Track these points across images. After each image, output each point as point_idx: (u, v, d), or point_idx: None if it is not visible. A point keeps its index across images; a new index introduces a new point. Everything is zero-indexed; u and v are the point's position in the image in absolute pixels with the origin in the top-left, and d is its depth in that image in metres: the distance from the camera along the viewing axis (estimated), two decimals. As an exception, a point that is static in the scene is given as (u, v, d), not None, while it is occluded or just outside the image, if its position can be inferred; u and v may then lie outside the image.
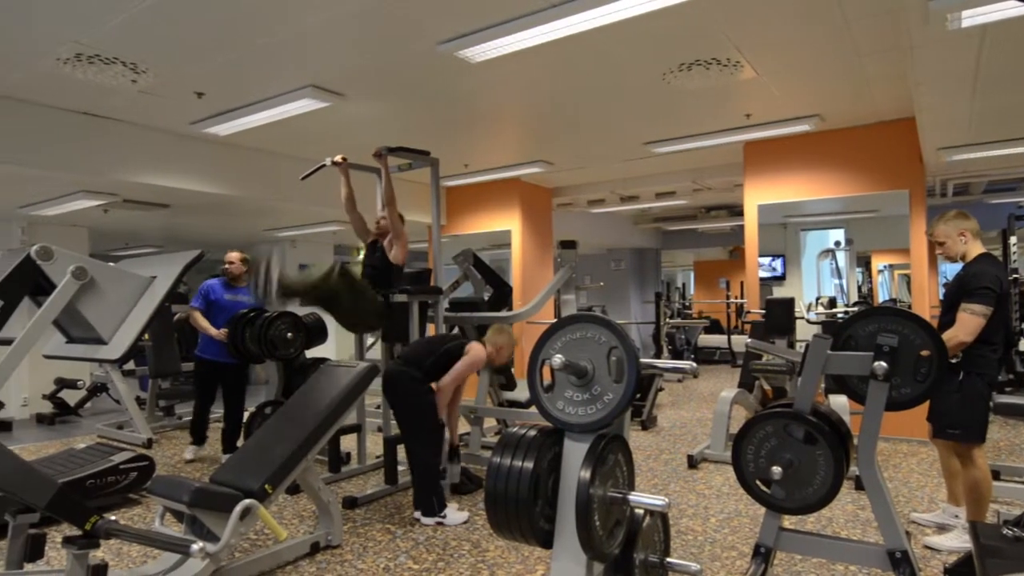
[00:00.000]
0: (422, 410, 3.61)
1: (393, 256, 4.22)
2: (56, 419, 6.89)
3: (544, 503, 2.00)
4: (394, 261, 4.23)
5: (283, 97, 4.40)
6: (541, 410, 2.07)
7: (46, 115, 4.60)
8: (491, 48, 3.58)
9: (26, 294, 2.14)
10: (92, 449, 4.17)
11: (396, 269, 4.25)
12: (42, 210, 6.35)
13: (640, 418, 5.85)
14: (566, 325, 2.07)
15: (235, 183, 5.85)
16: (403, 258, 4.27)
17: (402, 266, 4.28)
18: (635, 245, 12.28)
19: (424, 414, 3.61)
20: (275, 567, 2.98)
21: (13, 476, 2.06)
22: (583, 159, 6.73)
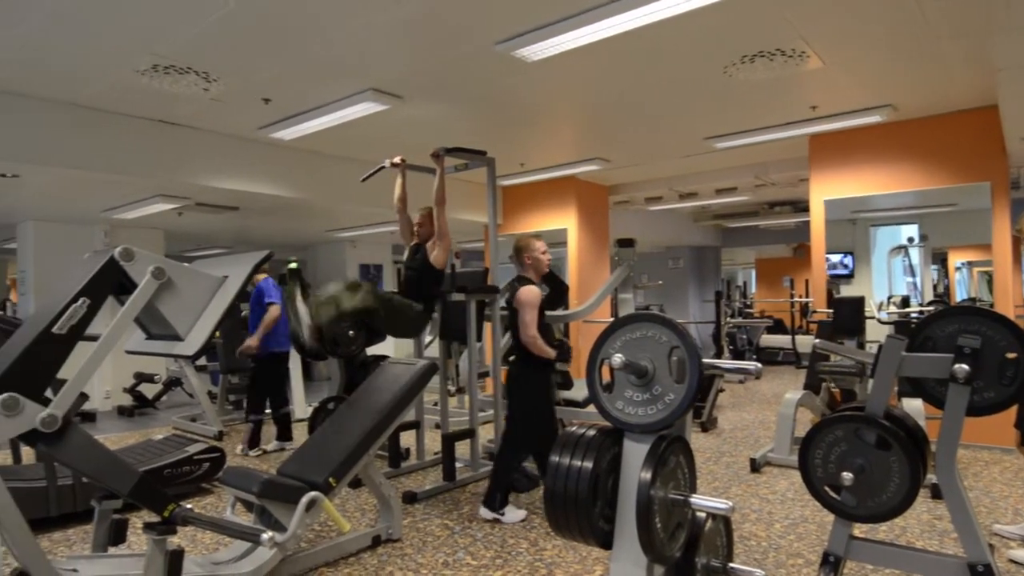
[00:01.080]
0: (531, 404, 3.60)
1: (434, 258, 4.20)
2: (135, 411, 7.29)
3: (604, 503, 1.98)
4: (434, 264, 4.20)
5: (344, 101, 4.51)
6: (600, 410, 2.05)
7: (126, 124, 4.87)
8: (548, 47, 3.57)
9: (110, 293, 2.26)
10: (168, 440, 4.40)
11: (436, 272, 4.24)
12: (122, 213, 6.73)
13: (700, 419, 5.73)
14: (626, 324, 2.05)
15: (299, 186, 6.04)
16: (444, 261, 4.24)
17: (442, 269, 4.27)
18: (694, 243, 12.03)
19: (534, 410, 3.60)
20: (338, 558, 3.07)
21: (99, 464, 2.18)
22: (641, 156, 6.64)
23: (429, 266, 4.19)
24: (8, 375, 2.02)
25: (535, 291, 3.56)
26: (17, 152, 4.42)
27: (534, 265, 3.70)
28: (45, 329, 2.09)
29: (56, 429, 2.08)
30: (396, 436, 4.42)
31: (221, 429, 5.80)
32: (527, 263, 3.69)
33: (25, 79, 4.14)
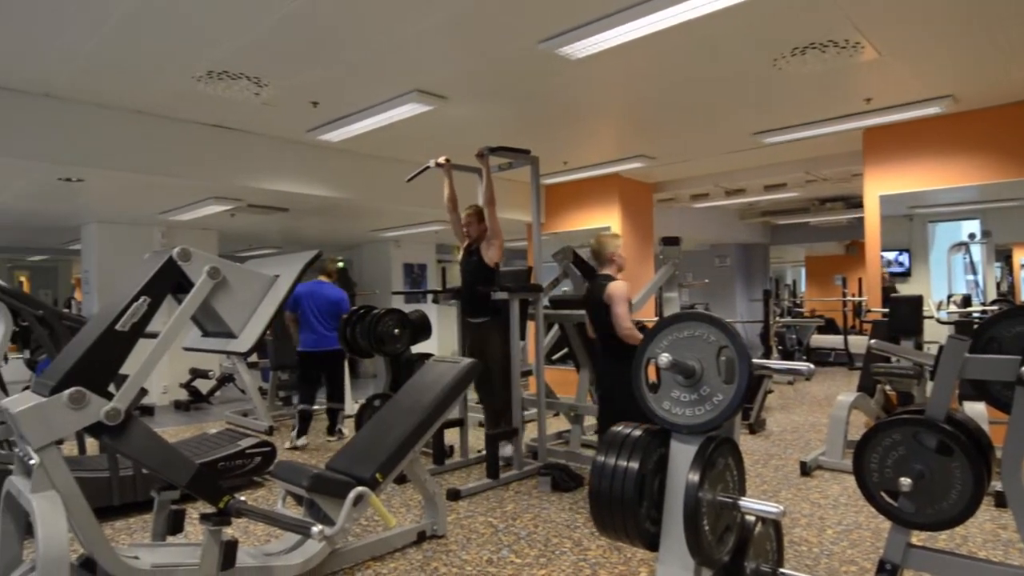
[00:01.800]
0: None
1: (489, 257, 4.27)
2: (191, 406, 7.55)
3: (650, 504, 1.96)
4: (489, 262, 4.27)
5: (390, 102, 4.58)
6: (647, 410, 2.03)
7: (182, 129, 5.06)
8: (592, 44, 3.55)
9: (169, 292, 2.34)
10: (222, 434, 4.54)
11: (490, 271, 4.28)
12: (178, 215, 6.99)
13: (747, 421, 5.60)
14: (673, 323, 2.02)
15: (346, 186, 6.16)
16: (499, 258, 4.30)
17: (496, 268, 4.31)
18: (741, 240, 11.78)
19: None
20: (385, 553, 3.11)
21: (159, 456, 2.27)
22: (686, 152, 6.54)
23: (484, 265, 4.25)
24: (75, 370, 2.12)
25: (625, 285, 3.51)
26: (82, 158, 4.63)
27: (617, 263, 3.66)
28: (109, 327, 2.19)
29: (119, 422, 2.17)
30: (440, 433, 4.46)
31: (271, 424, 5.96)
32: (610, 260, 3.64)
33: (90, 89, 4.33)
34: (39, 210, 6.90)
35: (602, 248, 3.66)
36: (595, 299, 3.58)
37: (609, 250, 3.64)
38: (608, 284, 3.51)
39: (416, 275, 10.49)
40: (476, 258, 4.34)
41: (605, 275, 3.63)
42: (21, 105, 4.32)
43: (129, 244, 7.62)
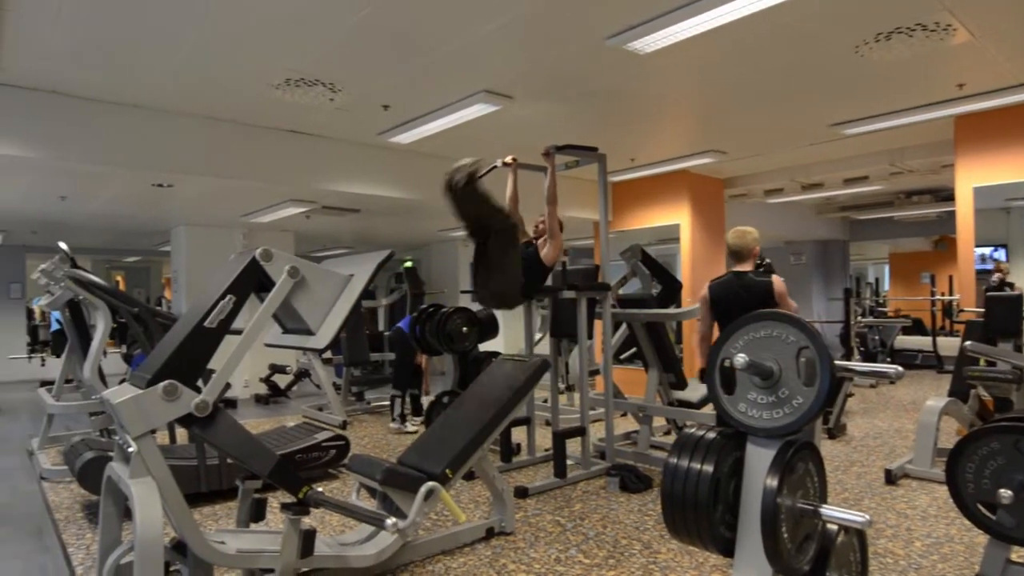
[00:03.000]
0: None
1: (544, 255, 4.23)
2: (269, 400, 7.90)
3: (725, 509, 1.91)
4: (545, 261, 4.23)
5: (458, 104, 4.64)
6: (722, 412, 1.98)
7: (262, 135, 5.29)
8: (662, 37, 3.48)
9: (252, 290, 2.45)
10: (299, 427, 4.72)
11: (544, 268, 4.25)
12: (258, 217, 7.32)
13: (827, 425, 5.36)
14: (749, 323, 1.96)
15: (415, 187, 6.29)
16: (554, 258, 4.25)
17: (550, 267, 4.27)
18: (818, 237, 11.29)
19: None
20: (454, 547, 3.16)
21: (243, 447, 2.39)
22: (760, 146, 6.32)
23: (538, 260, 4.22)
24: (168, 364, 2.26)
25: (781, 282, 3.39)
26: (172, 164, 4.92)
27: (756, 257, 3.52)
28: (198, 324, 2.32)
29: (208, 414, 2.29)
30: (508, 431, 4.49)
31: (345, 419, 6.15)
32: (753, 255, 3.48)
33: (178, 99, 4.60)
34: (133, 214, 7.39)
35: (744, 243, 3.45)
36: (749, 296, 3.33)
37: (751, 245, 3.46)
38: (771, 280, 3.33)
39: (483, 274, 10.57)
40: (532, 251, 4.31)
41: (750, 271, 3.43)
42: (117, 116, 4.63)
43: (213, 245, 8.05)
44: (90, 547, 3.20)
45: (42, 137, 4.36)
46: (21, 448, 5.52)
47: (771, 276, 3.35)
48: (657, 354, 4.71)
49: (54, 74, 4.06)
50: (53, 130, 4.39)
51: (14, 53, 3.72)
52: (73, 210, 7.00)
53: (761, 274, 3.39)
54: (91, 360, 4.56)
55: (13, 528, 3.55)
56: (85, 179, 5.45)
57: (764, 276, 3.37)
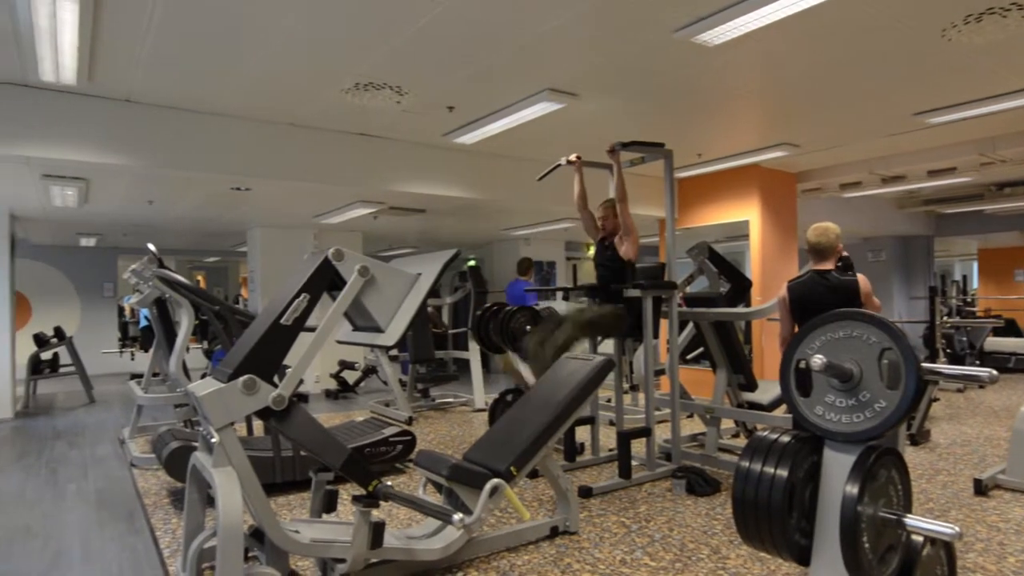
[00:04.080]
0: None
1: (624, 253, 4.24)
2: (339, 395, 8.15)
3: (800, 515, 1.84)
4: (625, 258, 4.25)
5: (522, 103, 4.65)
6: (797, 415, 1.91)
7: (332, 138, 5.47)
8: (732, 28, 3.38)
9: (325, 289, 2.54)
10: (368, 422, 4.85)
11: (628, 266, 4.25)
12: (328, 219, 7.56)
13: (909, 431, 5.09)
14: (827, 323, 1.88)
15: (480, 187, 6.35)
16: (634, 254, 4.26)
17: (633, 263, 4.27)
18: (899, 232, 10.72)
19: None
20: (518, 545, 3.17)
21: (317, 440, 2.47)
22: (836, 138, 6.05)
23: (620, 261, 4.23)
24: (247, 360, 2.36)
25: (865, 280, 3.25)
26: (249, 168, 5.15)
27: (838, 255, 3.38)
28: (275, 321, 2.41)
29: (284, 408, 2.39)
30: (571, 430, 4.47)
31: (411, 415, 6.28)
32: (836, 253, 3.34)
33: (254, 106, 4.81)
34: (213, 217, 7.78)
35: (827, 240, 3.31)
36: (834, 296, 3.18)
37: (834, 242, 3.31)
38: (856, 279, 3.19)
39: (545, 272, 10.59)
40: (611, 253, 4.31)
41: (832, 270, 3.29)
42: (198, 124, 4.89)
43: (286, 246, 8.39)
44: (176, 531, 3.39)
45: (134, 145, 4.65)
46: (114, 437, 5.91)
47: (856, 275, 3.19)
48: (726, 354, 4.59)
49: (142, 85, 4.32)
50: (143, 138, 4.67)
51: (107, 67, 3.98)
52: (160, 214, 7.43)
53: (845, 272, 3.24)
54: (176, 355, 4.83)
55: (108, 512, 3.81)
56: (170, 184, 5.77)
57: (849, 275, 3.21)
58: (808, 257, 3.42)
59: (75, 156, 4.46)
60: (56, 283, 11.07)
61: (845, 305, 2.90)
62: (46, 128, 4.35)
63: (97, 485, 4.36)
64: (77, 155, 4.47)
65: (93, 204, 6.57)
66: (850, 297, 3.12)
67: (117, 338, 11.64)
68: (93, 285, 11.39)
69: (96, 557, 3.14)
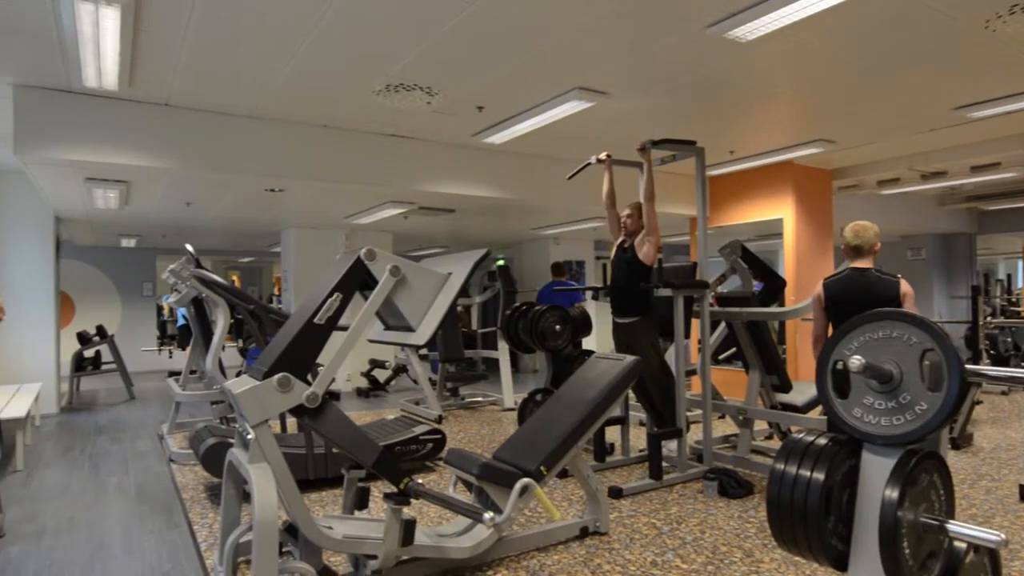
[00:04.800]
0: None
1: (644, 254, 4.17)
2: (370, 393, 8.24)
3: (837, 520, 1.80)
4: (644, 260, 4.17)
5: (551, 102, 4.64)
6: (834, 417, 1.87)
7: (363, 140, 5.53)
8: (767, 23, 3.31)
9: (357, 288, 2.57)
10: (398, 421, 4.90)
11: (645, 268, 4.18)
12: (359, 219, 7.65)
13: (951, 435, 4.94)
14: (866, 323, 1.83)
15: (509, 187, 6.36)
16: (654, 257, 4.18)
17: (651, 265, 4.20)
18: (939, 230, 10.42)
19: None
20: (548, 545, 3.17)
21: (349, 438, 2.51)
22: (873, 133, 5.90)
23: (638, 262, 4.18)
24: (282, 358, 2.40)
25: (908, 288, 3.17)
26: (283, 170, 5.24)
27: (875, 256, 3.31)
28: (308, 320, 2.45)
29: (317, 405, 2.42)
30: (601, 430, 4.44)
31: (441, 414, 6.32)
32: (873, 252, 3.27)
33: (288, 108, 4.89)
34: (248, 218, 7.93)
35: (865, 239, 3.23)
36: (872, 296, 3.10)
37: (873, 241, 3.24)
38: (899, 281, 3.12)
39: (575, 272, 10.56)
40: (630, 255, 4.26)
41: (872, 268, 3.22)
42: (233, 127, 4.99)
43: (319, 246, 8.52)
44: (212, 526, 3.46)
45: (172, 148, 4.76)
46: (153, 432, 6.07)
47: (899, 277, 3.11)
48: (759, 355, 4.51)
49: (180, 90, 4.43)
50: (181, 141, 4.79)
51: (147, 72, 4.09)
52: (197, 215, 7.61)
53: (886, 272, 3.16)
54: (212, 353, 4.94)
55: (148, 506, 3.91)
56: (207, 186, 5.90)
57: (890, 275, 3.13)
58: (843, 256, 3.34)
59: (116, 159, 4.59)
60: (98, 283, 11.42)
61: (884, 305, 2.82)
62: (89, 132, 4.48)
63: (137, 479, 4.49)
64: (118, 158, 4.60)
65: (133, 206, 6.75)
66: (889, 299, 3.04)
67: (156, 336, 11.95)
68: (133, 285, 11.72)
69: (136, 549, 3.23)
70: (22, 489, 4.28)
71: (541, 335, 5.13)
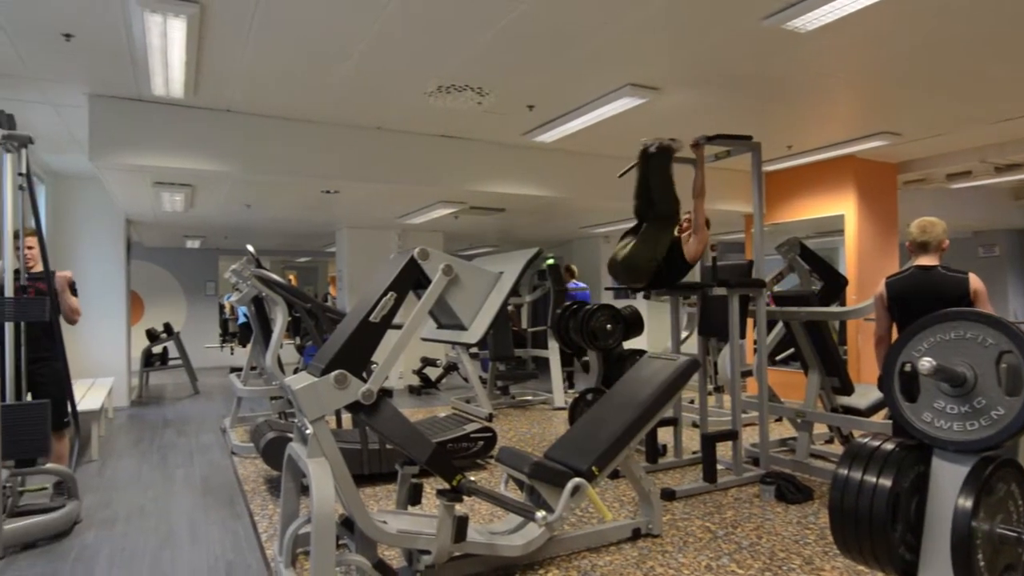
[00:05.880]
0: None
1: (687, 251, 4.06)
2: (421, 391, 8.35)
3: (905, 528, 1.72)
4: (687, 256, 4.06)
5: (602, 99, 4.60)
6: (902, 421, 1.79)
7: (416, 141, 5.62)
8: (829, 11, 3.19)
9: (410, 287, 2.60)
10: (450, 418, 4.95)
11: (685, 265, 4.08)
12: (411, 219, 7.77)
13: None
14: (936, 323, 1.75)
15: (559, 185, 6.34)
16: (697, 254, 4.07)
17: (692, 263, 4.09)
18: (1015, 225, 9.85)
19: None
20: (599, 545, 3.14)
21: (403, 434, 2.54)
22: (942, 125, 5.62)
23: (680, 255, 4.07)
24: (339, 356, 2.46)
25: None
26: (338, 171, 5.37)
27: (942, 253, 3.18)
28: (364, 319, 2.50)
29: (372, 402, 2.47)
30: (654, 431, 4.37)
31: (491, 412, 6.35)
32: (942, 249, 3.15)
33: (343, 112, 5.01)
34: (304, 219, 8.16)
35: (933, 235, 3.11)
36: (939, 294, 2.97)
37: (940, 237, 3.12)
38: (967, 276, 3.00)
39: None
40: (676, 251, 4.16)
41: (938, 266, 3.09)
42: (291, 131, 5.14)
43: (372, 246, 8.69)
44: (272, 517, 3.58)
45: (234, 153, 4.95)
46: (216, 426, 6.31)
47: (968, 273, 2.96)
48: (819, 355, 4.37)
49: (241, 96, 4.59)
50: (242, 146, 4.97)
51: (210, 80, 4.25)
52: (256, 217, 7.87)
53: (954, 269, 3.00)
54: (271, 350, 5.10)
55: (212, 497, 4.07)
56: (266, 188, 6.10)
57: (958, 271, 2.98)
58: (909, 253, 3.20)
59: (182, 164, 4.80)
60: (165, 282, 11.95)
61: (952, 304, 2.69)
62: (157, 139, 4.70)
63: (202, 471, 4.67)
64: (184, 163, 4.80)
65: (197, 208, 7.04)
66: (958, 297, 2.89)
67: (218, 334, 12.42)
68: (197, 284, 12.22)
69: (202, 538, 3.37)
70: (97, 478, 4.52)
71: (592, 334, 5.09)
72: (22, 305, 3.33)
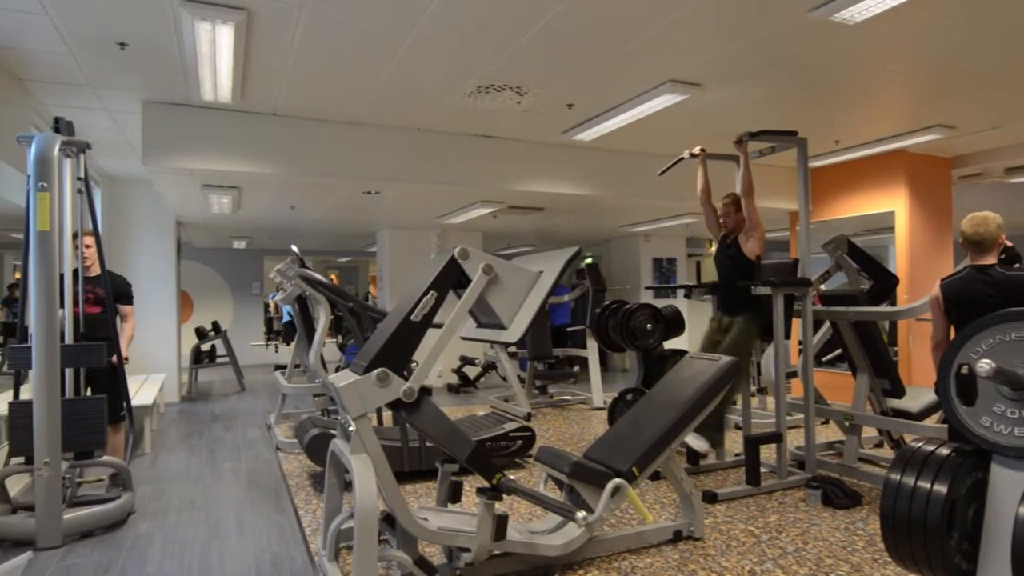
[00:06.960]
0: None
1: (748, 250, 4.07)
2: (460, 389, 8.41)
3: (962, 536, 1.66)
4: (748, 255, 4.08)
5: (642, 96, 4.55)
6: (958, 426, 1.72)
7: (455, 141, 5.66)
8: (878, 2, 3.10)
9: (451, 287, 2.62)
10: (489, 417, 4.97)
11: (750, 264, 4.06)
12: (450, 219, 7.83)
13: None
14: (996, 323, 1.68)
15: (599, 184, 6.30)
16: (759, 250, 4.06)
17: (756, 260, 4.07)
18: (1079, 222, 9.37)
19: None
20: (640, 547, 3.11)
21: (444, 432, 2.57)
22: (1000, 117, 5.39)
23: (745, 259, 4.07)
24: (381, 354, 2.50)
25: None
26: (380, 173, 5.45)
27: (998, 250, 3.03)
28: (405, 317, 2.53)
29: (413, 400, 2.50)
30: (695, 433, 4.32)
31: (530, 411, 6.35)
32: (996, 248, 3.00)
33: (384, 114, 5.08)
34: (346, 219, 8.30)
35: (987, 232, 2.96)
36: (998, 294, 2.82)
37: (996, 234, 2.96)
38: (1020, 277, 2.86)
39: (665, 269, 10.32)
40: (734, 251, 4.14)
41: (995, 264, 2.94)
42: (334, 133, 5.24)
43: (412, 246, 8.80)
44: (316, 512, 3.65)
45: (279, 155, 5.07)
46: (262, 422, 6.47)
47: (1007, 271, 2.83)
48: (868, 357, 4.23)
49: (285, 100, 4.70)
50: (286, 149, 5.09)
51: (256, 85, 4.36)
52: (300, 218, 8.04)
53: (1010, 266, 2.87)
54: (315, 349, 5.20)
55: (259, 491, 4.18)
56: (310, 190, 6.23)
57: (1019, 270, 2.85)
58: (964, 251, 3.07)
59: (230, 167, 4.94)
60: (213, 282, 12.31)
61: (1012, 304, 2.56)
62: (206, 143, 4.85)
63: (248, 465, 4.80)
64: (231, 166, 4.94)
65: (244, 210, 7.23)
66: (1018, 296, 2.76)
67: (263, 332, 12.73)
68: (243, 283, 12.55)
69: (248, 531, 3.46)
70: (150, 470, 4.69)
71: (632, 334, 5.05)
72: (80, 351, 3.49)
